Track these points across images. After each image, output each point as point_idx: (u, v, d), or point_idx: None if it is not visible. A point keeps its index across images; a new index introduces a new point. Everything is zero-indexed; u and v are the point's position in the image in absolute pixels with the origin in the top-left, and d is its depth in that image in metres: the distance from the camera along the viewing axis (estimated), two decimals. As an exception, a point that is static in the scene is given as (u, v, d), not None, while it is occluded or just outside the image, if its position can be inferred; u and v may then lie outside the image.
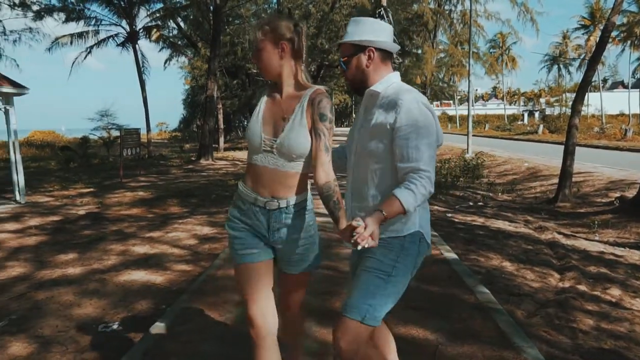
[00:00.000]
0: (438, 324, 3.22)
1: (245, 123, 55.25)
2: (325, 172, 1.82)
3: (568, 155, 8.85)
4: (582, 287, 4.30)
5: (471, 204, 9.21)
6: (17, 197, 9.05)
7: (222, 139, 25.44)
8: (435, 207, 8.36)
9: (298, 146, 1.84)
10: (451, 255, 4.90)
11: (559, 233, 6.85)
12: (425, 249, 1.95)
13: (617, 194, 8.75)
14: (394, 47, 1.95)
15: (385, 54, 1.93)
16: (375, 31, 1.90)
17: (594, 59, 8.75)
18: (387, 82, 1.92)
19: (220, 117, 24.96)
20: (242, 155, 21.97)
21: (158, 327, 3.21)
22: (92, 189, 11.02)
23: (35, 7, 17.50)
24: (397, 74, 1.96)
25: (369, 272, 1.83)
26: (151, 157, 20.19)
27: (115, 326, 3.46)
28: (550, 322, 3.44)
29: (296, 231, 1.94)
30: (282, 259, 2.02)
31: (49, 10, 18.30)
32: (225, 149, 24.93)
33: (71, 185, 11.53)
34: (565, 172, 8.90)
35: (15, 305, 3.96)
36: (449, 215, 7.73)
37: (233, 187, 10.80)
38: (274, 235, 1.94)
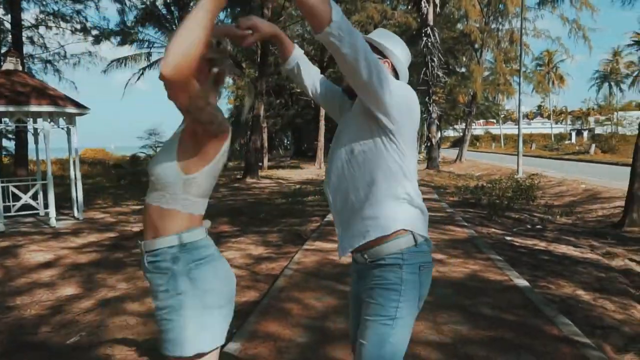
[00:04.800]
0: (524, 358, 3.01)
1: (287, 142, 56.02)
2: None
3: (636, 177, 8.38)
4: (672, 321, 3.97)
5: (529, 226, 8.83)
6: (76, 214, 9.34)
7: (266, 158, 25.72)
8: (492, 230, 8.06)
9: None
10: (522, 282, 4.65)
11: (631, 260, 6.44)
12: (429, 274, 1.75)
13: (692, 219, 8.19)
14: (405, 76, 1.83)
15: (395, 76, 1.80)
16: (402, 52, 1.79)
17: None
18: None
19: (265, 136, 25.28)
20: (286, 174, 22.11)
21: (231, 349, 3.14)
22: (144, 206, 11.28)
23: (94, 32, 18.41)
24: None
25: (372, 320, 1.68)
26: (198, 175, 20.59)
27: (183, 347, 3.42)
28: (645, 360, 3.16)
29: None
30: None
31: (107, 35, 19.18)
32: (269, 167, 25.17)
33: (124, 202, 11.85)
34: (633, 194, 8.42)
35: (84, 321, 4.00)
36: (508, 238, 7.41)
37: (281, 207, 10.81)
38: None
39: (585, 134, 58.84)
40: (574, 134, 62.98)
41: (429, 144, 24.18)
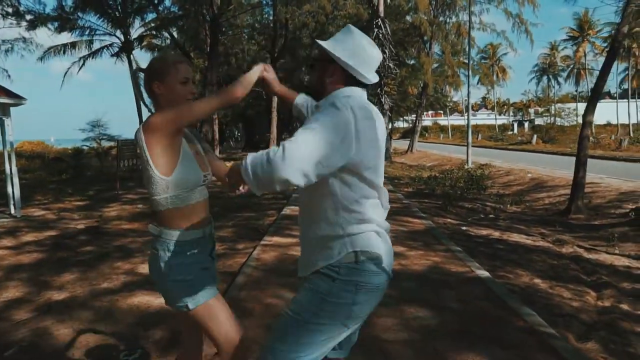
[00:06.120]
0: (492, 351, 2.98)
1: (238, 134, 55.03)
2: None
3: (580, 166, 8.73)
4: (625, 307, 4.11)
5: (482, 216, 9.03)
6: (12, 211, 8.69)
7: (217, 150, 25.11)
8: (448, 220, 8.17)
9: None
10: (483, 273, 4.68)
11: (579, 247, 6.68)
12: (371, 296, 1.63)
13: (631, 206, 8.63)
14: (366, 79, 1.70)
15: (352, 80, 1.69)
16: (356, 55, 1.66)
17: (605, 69, 8.66)
18: (340, 93, 1.67)
19: (216, 127, 24.66)
20: (238, 166, 21.64)
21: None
22: (88, 202, 10.69)
23: (28, 17, 17.17)
24: (353, 89, 1.69)
25: (286, 311, 1.68)
26: (146, 168, 19.81)
27: (137, 354, 3.18)
28: (606, 347, 3.22)
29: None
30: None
31: (43, 20, 17.91)
32: (221, 159, 24.61)
33: (66, 198, 11.18)
34: (578, 183, 8.77)
35: (24, 330, 3.65)
36: (464, 228, 7.53)
37: (235, 200, 10.52)
38: (213, 253, 2.08)
39: (527, 124, 61.50)
40: (516, 124, 65.65)
41: (381, 135, 24.38)
